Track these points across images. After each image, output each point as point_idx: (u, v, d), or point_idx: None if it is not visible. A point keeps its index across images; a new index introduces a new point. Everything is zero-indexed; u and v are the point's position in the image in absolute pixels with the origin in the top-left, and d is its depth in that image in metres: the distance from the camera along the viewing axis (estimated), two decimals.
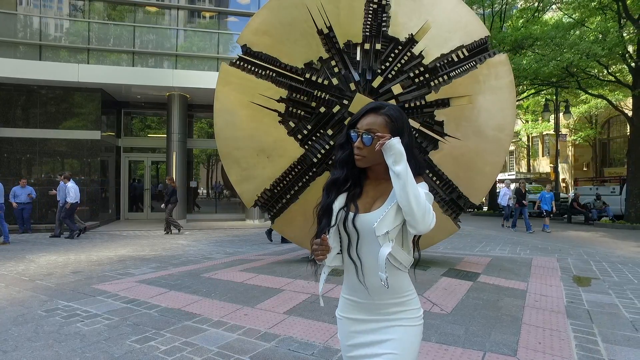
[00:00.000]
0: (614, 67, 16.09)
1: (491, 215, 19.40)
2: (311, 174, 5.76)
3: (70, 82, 12.03)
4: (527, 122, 29.65)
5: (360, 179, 1.45)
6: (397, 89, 5.55)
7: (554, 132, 20.61)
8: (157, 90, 13.13)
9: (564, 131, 26.18)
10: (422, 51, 5.58)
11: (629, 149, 14.73)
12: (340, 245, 1.42)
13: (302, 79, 5.69)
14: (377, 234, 1.29)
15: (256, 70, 5.80)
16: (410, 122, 5.47)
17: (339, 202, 1.41)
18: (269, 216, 6.15)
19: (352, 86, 5.58)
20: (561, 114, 19.28)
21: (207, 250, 8.23)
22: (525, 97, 19.87)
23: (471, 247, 8.78)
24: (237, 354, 3.00)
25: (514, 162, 35.85)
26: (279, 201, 5.92)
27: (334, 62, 5.68)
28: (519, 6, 19.04)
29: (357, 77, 5.61)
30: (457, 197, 5.64)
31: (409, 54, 5.60)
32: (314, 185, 5.73)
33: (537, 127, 27.84)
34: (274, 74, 5.76)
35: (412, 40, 5.58)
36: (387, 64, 5.61)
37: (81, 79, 11.88)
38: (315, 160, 5.68)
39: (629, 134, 15.85)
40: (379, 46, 5.59)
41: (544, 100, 20.36)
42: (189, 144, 14.60)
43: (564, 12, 16.88)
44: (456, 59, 5.58)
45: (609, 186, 18.05)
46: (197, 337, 3.34)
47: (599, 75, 15.96)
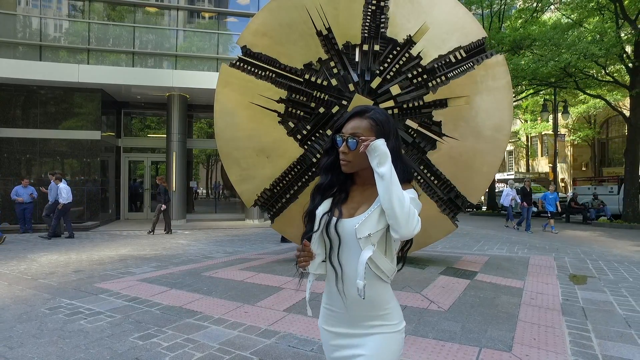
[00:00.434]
0: (611, 67, 16.19)
1: (490, 215, 19.46)
2: (310, 173, 5.82)
3: (70, 83, 12.07)
4: (526, 122, 29.71)
5: (346, 184, 1.42)
6: (395, 90, 5.61)
7: (552, 132, 20.72)
8: (157, 90, 13.18)
9: (562, 131, 26.30)
10: (420, 52, 5.64)
11: (626, 148, 14.81)
12: (324, 252, 1.37)
13: (302, 80, 5.75)
14: (359, 236, 1.25)
15: (256, 71, 5.86)
16: (408, 122, 5.61)
17: (323, 207, 1.38)
18: (269, 216, 6.21)
19: (351, 87, 5.64)
20: (560, 114, 19.39)
21: (207, 249, 8.28)
22: (524, 97, 19.90)
23: (469, 246, 8.84)
24: (238, 350, 3.06)
25: (513, 162, 35.95)
26: (279, 201, 5.98)
27: (333, 63, 5.74)
28: (517, 6, 19.14)
29: (355, 77, 5.67)
30: (455, 196, 5.70)
31: (407, 55, 5.67)
32: (313, 185, 5.77)
33: (535, 127, 27.88)
34: (274, 75, 5.82)
35: (410, 41, 5.65)
36: (386, 65, 5.67)
37: (81, 79, 11.92)
38: (314, 160, 5.74)
39: (626, 133, 15.92)
40: (377, 47, 5.66)
41: (542, 100, 20.47)
42: (188, 144, 14.66)
43: (562, 13, 16.95)
44: (454, 60, 5.64)
45: (607, 186, 18.09)
46: (199, 333, 3.39)
47: (596, 75, 16.04)
